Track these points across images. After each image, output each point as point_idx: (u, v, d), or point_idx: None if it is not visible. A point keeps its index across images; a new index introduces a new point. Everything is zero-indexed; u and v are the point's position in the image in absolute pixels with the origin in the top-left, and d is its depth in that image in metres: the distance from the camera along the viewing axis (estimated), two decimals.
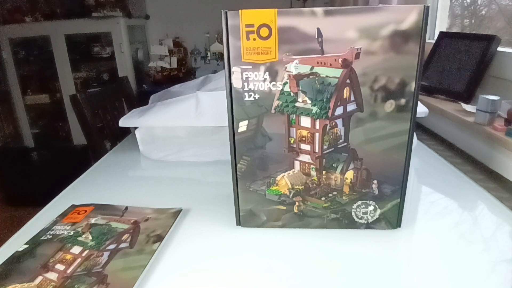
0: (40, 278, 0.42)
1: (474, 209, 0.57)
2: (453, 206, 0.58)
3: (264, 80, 0.45)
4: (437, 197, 0.61)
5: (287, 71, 0.44)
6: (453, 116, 0.96)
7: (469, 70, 1.05)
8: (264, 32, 0.43)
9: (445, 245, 0.48)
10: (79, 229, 0.52)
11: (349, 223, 0.51)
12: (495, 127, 0.81)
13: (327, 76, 0.44)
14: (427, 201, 0.59)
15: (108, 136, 1.22)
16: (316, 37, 0.42)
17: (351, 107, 0.45)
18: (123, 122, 0.80)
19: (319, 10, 0.42)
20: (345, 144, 0.47)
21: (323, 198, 0.50)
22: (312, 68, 0.44)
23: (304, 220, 0.51)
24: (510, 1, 1.25)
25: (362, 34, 0.42)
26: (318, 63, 0.44)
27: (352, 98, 0.45)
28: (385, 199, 0.49)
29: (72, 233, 0.51)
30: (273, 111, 0.46)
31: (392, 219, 0.50)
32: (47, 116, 2.61)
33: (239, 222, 0.53)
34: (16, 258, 0.46)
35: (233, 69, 0.45)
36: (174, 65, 2.43)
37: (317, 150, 0.48)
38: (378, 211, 0.50)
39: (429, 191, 0.64)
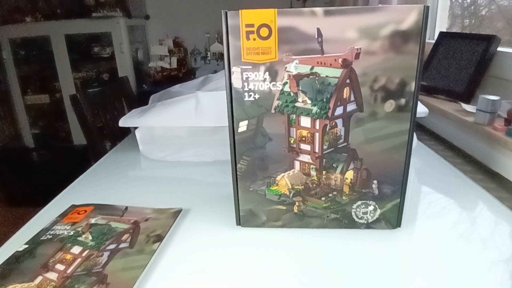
0: (40, 278, 0.42)
1: (474, 209, 0.57)
2: (453, 206, 0.58)
3: (264, 80, 0.45)
4: (437, 197, 0.61)
5: (287, 71, 0.44)
6: (453, 116, 0.96)
7: (469, 70, 1.05)
8: (264, 32, 0.43)
9: (445, 245, 0.48)
10: (79, 229, 0.52)
11: (349, 223, 0.51)
12: (495, 127, 0.81)
13: (327, 76, 0.44)
14: (427, 201, 0.59)
15: (108, 136, 1.22)
16: (316, 37, 0.42)
17: (351, 107, 0.45)
18: (123, 122, 0.80)
19: (319, 10, 0.42)
20: (345, 144, 0.47)
21: (323, 198, 0.50)
22: (312, 68, 0.44)
23: (304, 220, 0.51)
24: (510, 1, 1.25)
25: (362, 34, 0.42)
26: (318, 63, 0.44)
27: (352, 98, 0.45)
28: (385, 199, 0.49)
29: (72, 233, 0.51)
30: (273, 111, 0.46)
31: (392, 219, 0.50)
32: (47, 116, 2.61)
33: (239, 222, 0.53)
34: (16, 258, 0.46)
35: (233, 69, 0.45)
36: (174, 65, 2.43)
37: (317, 150, 0.48)
38: (378, 211, 0.50)
39: (429, 191, 0.63)
